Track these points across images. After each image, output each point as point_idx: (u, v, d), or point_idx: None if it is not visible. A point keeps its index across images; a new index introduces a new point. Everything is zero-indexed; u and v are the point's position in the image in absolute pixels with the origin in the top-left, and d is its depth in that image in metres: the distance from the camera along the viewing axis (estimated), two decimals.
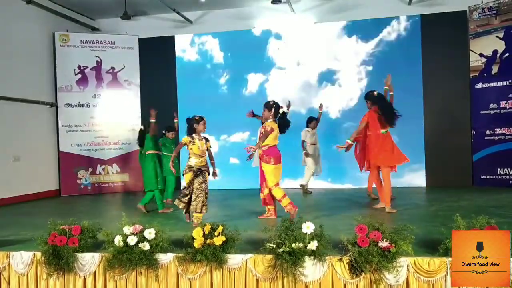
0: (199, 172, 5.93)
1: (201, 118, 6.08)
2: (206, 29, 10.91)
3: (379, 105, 6.64)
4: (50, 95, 10.20)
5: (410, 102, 9.76)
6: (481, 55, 9.42)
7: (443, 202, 7.30)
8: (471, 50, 9.54)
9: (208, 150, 6.13)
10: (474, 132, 9.51)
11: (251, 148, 6.02)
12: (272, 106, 6.27)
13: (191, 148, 5.95)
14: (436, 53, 9.67)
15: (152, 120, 7.33)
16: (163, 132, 8.19)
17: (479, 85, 9.44)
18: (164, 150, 7.88)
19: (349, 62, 10.22)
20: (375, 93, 6.81)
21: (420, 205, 7.57)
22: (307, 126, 8.92)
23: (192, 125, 6.05)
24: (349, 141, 6.67)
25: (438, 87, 9.68)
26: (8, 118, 8.85)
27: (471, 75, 9.54)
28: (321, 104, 9.01)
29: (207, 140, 6.12)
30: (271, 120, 6.23)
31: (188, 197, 5.90)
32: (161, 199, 7.26)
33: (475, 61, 9.49)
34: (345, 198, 8.25)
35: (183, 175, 6.04)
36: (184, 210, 6.09)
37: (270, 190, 6.19)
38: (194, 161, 5.93)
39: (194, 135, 6.03)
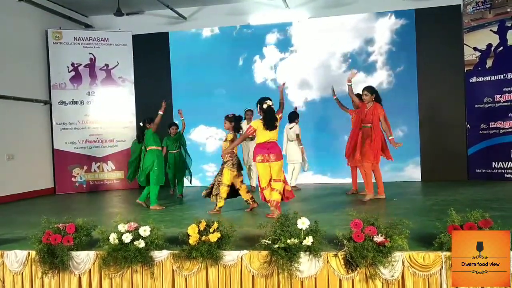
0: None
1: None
2: (200, 25, 10.88)
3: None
4: (43, 93, 10.14)
5: (405, 96, 9.81)
6: (475, 49, 9.44)
7: (438, 196, 7.31)
8: (465, 44, 9.55)
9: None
10: (468, 126, 9.54)
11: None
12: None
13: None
14: (431, 47, 9.68)
15: (161, 113, 7.30)
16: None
17: (474, 79, 9.45)
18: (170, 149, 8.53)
19: (338, 57, 10.23)
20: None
21: (415, 199, 7.59)
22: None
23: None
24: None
25: (432, 81, 9.69)
26: (1, 116, 8.80)
27: (465, 69, 9.56)
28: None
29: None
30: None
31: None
32: (156, 195, 7.26)
33: (470, 55, 9.50)
34: (340, 193, 8.25)
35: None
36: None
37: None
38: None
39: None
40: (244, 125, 8.64)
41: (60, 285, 4.53)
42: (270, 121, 5.91)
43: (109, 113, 10.62)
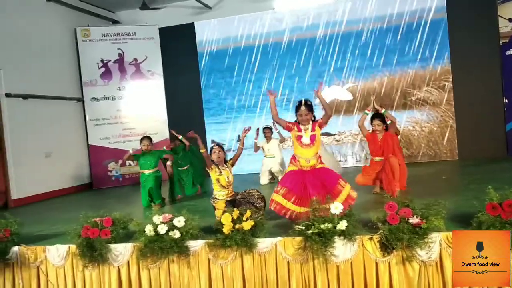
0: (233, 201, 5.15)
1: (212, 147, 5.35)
2: (226, 13, 10.83)
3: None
4: (76, 90, 10.35)
5: (438, 72, 9.56)
6: (510, 20, 9.11)
7: (475, 174, 7.12)
8: (499, 16, 9.20)
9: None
10: (506, 100, 9.21)
11: None
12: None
13: (217, 179, 5.23)
14: (463, 21, 9.36)
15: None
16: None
17: (510, 52, 9.11)
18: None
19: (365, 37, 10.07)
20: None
21: (451, 178, 7.42)
22: None
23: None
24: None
25: (466, 55, 9.37)
26: (37, 115, 9.03)
27: (500, 42, 9.21)
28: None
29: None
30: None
31: None
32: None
33: (504, 27, 9.21)
34: None
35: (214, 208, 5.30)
36: None
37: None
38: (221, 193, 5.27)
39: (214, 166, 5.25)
40: (264, 143, 8.39)
41: (100, 277, 4.65)
42: None
43: (140, 107, 10.74)
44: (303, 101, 4.91)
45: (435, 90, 9.64)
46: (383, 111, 6.17)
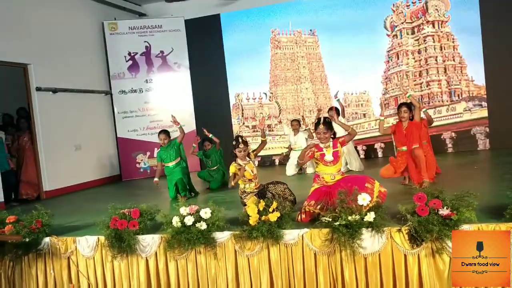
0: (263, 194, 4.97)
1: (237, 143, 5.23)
2: (251, 4, 10.75)
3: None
4: (104, 84, 10.48)
5: (469, 58, 9.30)
6: None
7: (508, 164, 6.92)
8: None
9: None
10: None
11: None
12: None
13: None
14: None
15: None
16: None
17: None
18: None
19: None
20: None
21: (483, 169, 7.24)
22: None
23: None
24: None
25: (498, 41, 9.07)
26: (67, 108, 9.17)
27: None
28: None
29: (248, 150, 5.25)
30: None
31: None
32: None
33: None
34: None
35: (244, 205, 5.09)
36: None
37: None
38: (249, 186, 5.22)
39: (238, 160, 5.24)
40: (291, 137, 8.49)
41: (129, 268, 4.72)
42: None
43: (167, 99, 10.78)
44: (321, 119, 4.81)
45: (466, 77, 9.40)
46: (408, 94, 6.08)
